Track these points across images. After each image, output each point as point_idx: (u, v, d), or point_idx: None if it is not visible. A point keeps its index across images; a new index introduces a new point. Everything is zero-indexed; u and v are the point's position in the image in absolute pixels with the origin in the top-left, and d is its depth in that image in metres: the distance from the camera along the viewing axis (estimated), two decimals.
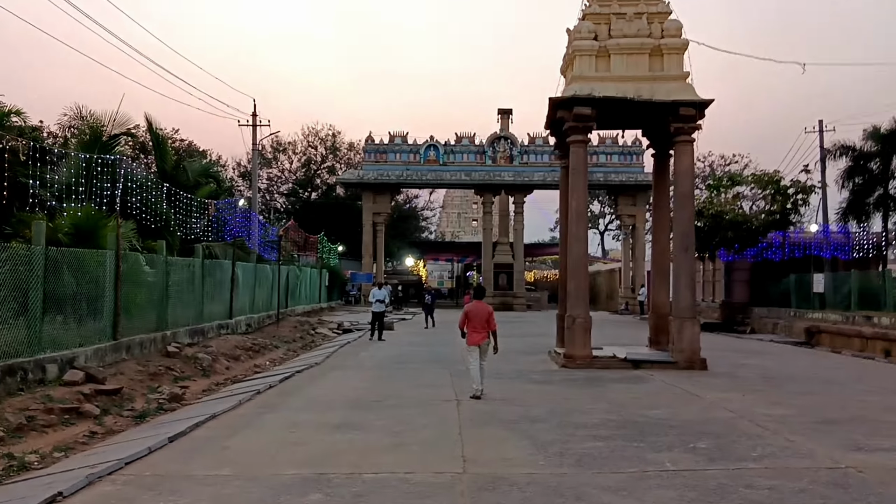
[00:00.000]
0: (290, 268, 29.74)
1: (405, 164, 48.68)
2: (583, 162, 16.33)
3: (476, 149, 49.09)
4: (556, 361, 16.56)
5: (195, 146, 53.66)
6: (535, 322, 34.11)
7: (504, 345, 22.33)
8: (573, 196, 16.28)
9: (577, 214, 16.20)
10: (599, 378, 14.24)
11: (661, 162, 18.27)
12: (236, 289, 21.89)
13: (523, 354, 18.85)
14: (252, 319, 23.39)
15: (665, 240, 18.32)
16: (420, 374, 14.85)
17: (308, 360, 17.79)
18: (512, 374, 14.79)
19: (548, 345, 21.07)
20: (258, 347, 19.82)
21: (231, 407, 10.74)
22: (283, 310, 27.97)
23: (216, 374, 15.48)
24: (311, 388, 12.92)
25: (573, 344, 15.91)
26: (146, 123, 25.78)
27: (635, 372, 15.24)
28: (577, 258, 16.17)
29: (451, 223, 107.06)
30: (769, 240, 31.32)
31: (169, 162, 25.91)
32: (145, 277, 15.36)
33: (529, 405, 11.07)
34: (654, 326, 18.02)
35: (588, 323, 16.00)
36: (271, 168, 60.36)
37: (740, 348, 22.23)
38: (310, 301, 34.12)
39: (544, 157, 48.90)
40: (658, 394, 12.40)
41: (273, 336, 23.28)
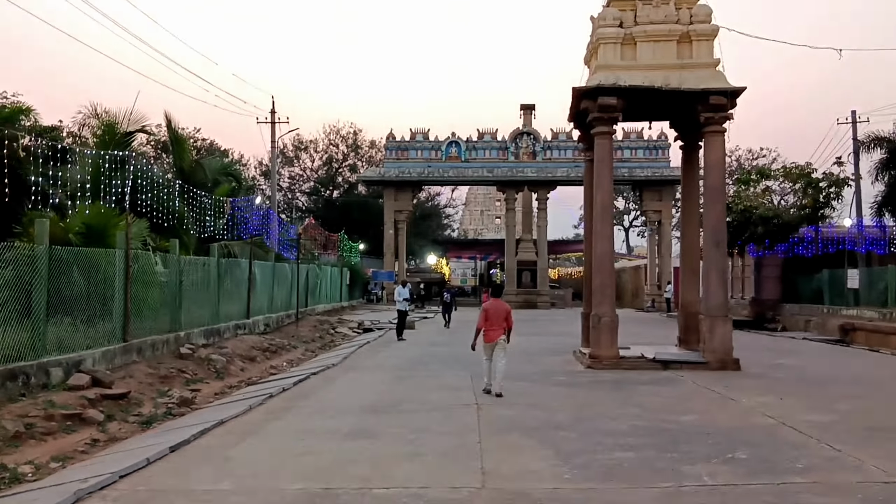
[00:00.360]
0: (310, 266, 29.33)
1: (427, 161, 48.17)
2: (608, 155, 15.69)
3: (498, 145, 48.46)
4: (582, 362, 15.95)
5: (217, 145, 53.67)
6: (559, 320, 33.45)
7: (528, 344, 21.93)
8: (598, 190, 15.65)
9: (603, 209, 15.57)
10: (627, 380, 13.60)
11: (689, 154, 17.57)
12: (254, 288, 21.48)
13: (547, 354, 18.25)
14: (270, 319, 22.99)
15: (694, 235, 17.62)
16: (439, 376, 14.30)
17: (325, 361, 17.32)
18: (535, 376, 14.20)
19: (573, 344, 20.44)
20: (275, 348, 19.38)
21: (240, 412, 10.26)
22: (303, 309, 27.56)
23: (230, 375, 15.04)
24: (325, 392, 12.42)
25: (599, 344, 15.28)
26: (165, 121, 25.48)
27: (664, 373, 14.59)
28: (603, 255, 15.54)
29: (475, 221, 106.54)
30: (801, 235, 30.42)
31: (187, 160, 25.57)
32: (158, 277, 14.96)
33: (553, 410, 10.48)
34: (684, 325, 17.34)
35: (614, 322, 15.37)
36: (293, 167, 60.15)
37: (773, 347, 21.44)
38: (330, 300, 33.72)
39: (568, 152, 48.17)
40: (690, 397, 11.75)
41: (292, 336, 22.87)
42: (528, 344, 21.16)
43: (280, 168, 59.59)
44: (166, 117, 25.31)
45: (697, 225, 17.66)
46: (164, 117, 25.36)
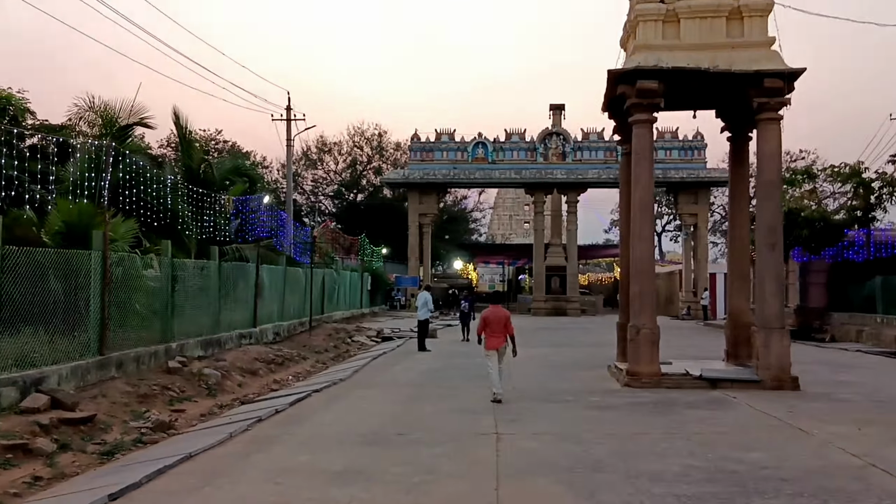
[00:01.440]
0: (327, 271, 27.83)
1: (452, 162, 46.57)
2: (648, 146, 13.96)
3: (526, 146, 46.71)
4: (618, 379, 14.21)
5: (239, 147, 52.57)
6: (590, 329, 31.63)
7: (557, 356, 20.22)
8: (637, 187, 13.91)
9: (642, 208, 13.83)
10: (671, 402, 11.84)
11: (738, 146, 15.77)
12: (261, 294, 20.00)
13: (578, 369, 16.52)
14: (281, 328, 21.49)
15: (744, 236, 15.81)
16: (457, 395, 12.64)
17: (334, 376, 15.76)
18: (566, 395, 12.48)
19: (606, 356, 18.69)
20: (282, 359, 17.85)
21: (218, 442, 8.70)
22: (318, 316, 26.05)
23: (224, 392, 13.51)
24: (323, 414, 10.83)
25: (638, 359, 13.53)
26: (173, 118, 24.16)
27: (713, 393, 12.80)
28: (642, 259, 13.80)
29: (503, 225, 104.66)
30: (850, 238, 28.33)
31: (196, 159, 24.19)
32: (145, 282, 13.49)
33: (587, 442, 8.78)
34: (732, 337, 15.52)
35: (655, 334, 13.61)
36: (316, 169, 58.87)
37: (827, 360, 19.47)
38: (350, 306, 32.22)
39: (599, 153, 46.31)
40: (750, 426, 9.97)
41: (303, 346, 21.34)
42: (558, 356, 19.45)
43: (303, 171, 58.49)
44: (174, 114, 23.96)
45: (747, 225, 15.87)
46: (173, 113, 24.04)
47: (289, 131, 29.57)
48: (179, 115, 24.02)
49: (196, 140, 49.34)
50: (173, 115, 24.05)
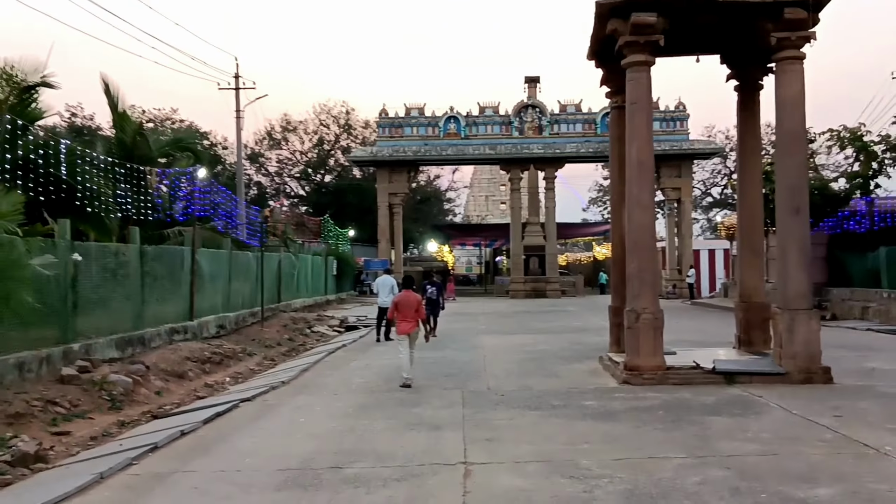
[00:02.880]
0: (284, 255, 25.28)
1: (423, 138, 44.01)
2: (646, 93, 11.55)
3: (501, 119, 44.25)
4: (614, 374, 11.89)
5: (196, 127, 49.69)
6: (573, 311, 29.38)
7: (540, 345, 17.86)
8: (633, 142, 11.52)
9: (640, 168, 11.45)
10: (685, 405, 9.53)
11: (747, 96, 13.43)
12: (200, 282, 17.47)
13: (565, 361, 14.19)
14: (226, 319, 18.96)
15: (755, 202, 13.52)
16: (420, 403, 10.23)
17: (277, 376, 13.31)
18: (553, 399, 10.12)
19: (595, 344, 16.43)
20: (220, 357, 15.37)
21: (76, 490, 6.26)
22: (273, 305, 23.55)
23: (134, 403, 11.00)
24: (243, 437, 8.37)
25: (638, 350, 11.20)
26: (102, 86, 21.41)
27: (732, 391, 10.51)
28: (641, 229, 11.43)
29: (479, 206, 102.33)
30: (852, 207, 26.23)
31: (129, 131, 21.48)
32: (31, 271, 10.88)
33: (589, 476, 6.40)
34: (744, 321, 13.25)
35: (659, 320, 11.29)
36: (281, 149, 56.00)
37: (841, 342, 17.23)
38: (313, 293, 29.69)
39: (577, 125, 43.99)
40: (796, 440, 7.64)
41: (252, 339, 18.85)
42: (540, 345, 17.12)
43: (267, 150, 55.67)
44: (103, 81, 21.21)
45: (759, 189, 13.59)
46: (101, 81, 21.30)
47: (237, 101, 26.92)
48: (109, 82, 21.30)
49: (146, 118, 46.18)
50: (102, 83, 21.32)
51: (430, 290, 19.58)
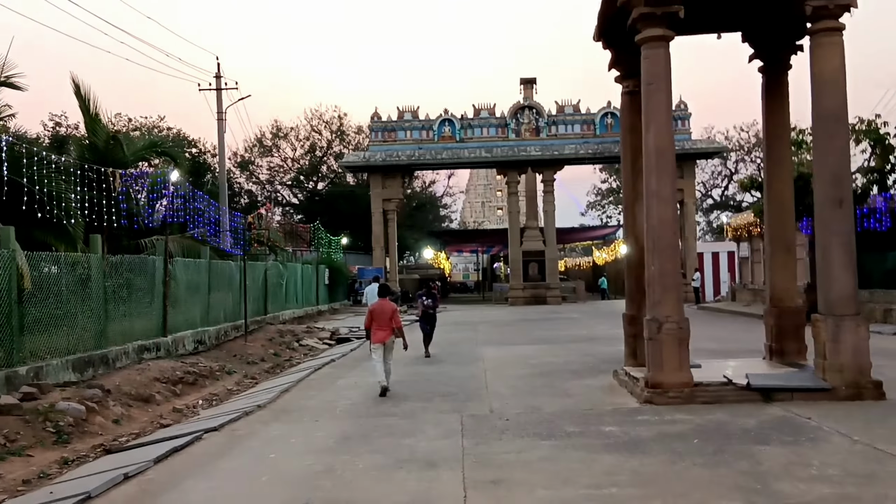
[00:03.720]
0: (270, 264, 23.87)
1: (417, 142, 42.66)
2: (664, 71, 10.16)
3: (497, 122, 42.93)
4: (633, 391, 10.49)
5: (184, 135, 48.24)
6: (577, 319, 27.97)
7: (545, 356, 16.39)
8: (650, 128, 10.14)
9: (659, 157, 10.07)
10: (723, 430, 8.12)
11: (774, 77, 12.07)
12: (174, 295, 16.07)
13: (576, 375, 12.78)
14: (205, 334, 17.54)
15: (785, 194, 12.17)
16: (413, 430, 8.82)
17: (255, 398, 11.91)
18: (568, 425, 8.70)
19: (605, 355, 15.07)
20: (195, 377, 13.94)
21: None
22: (260, 317, 22.13)
23: (87, 435, 9.57)
24: (196, 482, 6.96)
25: (660, 364, 9.80)
26: (73, 87, 20.05)
27: (772, 410, 9.12)
28: (662, 225, 10.04)
29: (475, 212, 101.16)
30: (870, 204, 24.85)
31: (102, 135, 20.12)
32: None
33: None
34: (776, 328, 11.87)
35: (684, 330, 9.89)
36: (272, 157, 54.56)
37: (872, 348, 15.87)
38: (303, 303, 28.26)
39: (575, 126, 42.68)
40: (872, 477, 6.21)
41: (234, 355, 17.44)
42: (546, 356, 15.72)
43: (257, 158, 54.29)
44: (73, 82, 19.88)
45: (790, 180, 12.23)
46: (72, 82, 19.95)
47: (219, 102, 25.52)
48: (80, 84, 19.97)
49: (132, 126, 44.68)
50: (73, 84, 19.98)
51: (426, 301, 16.54)
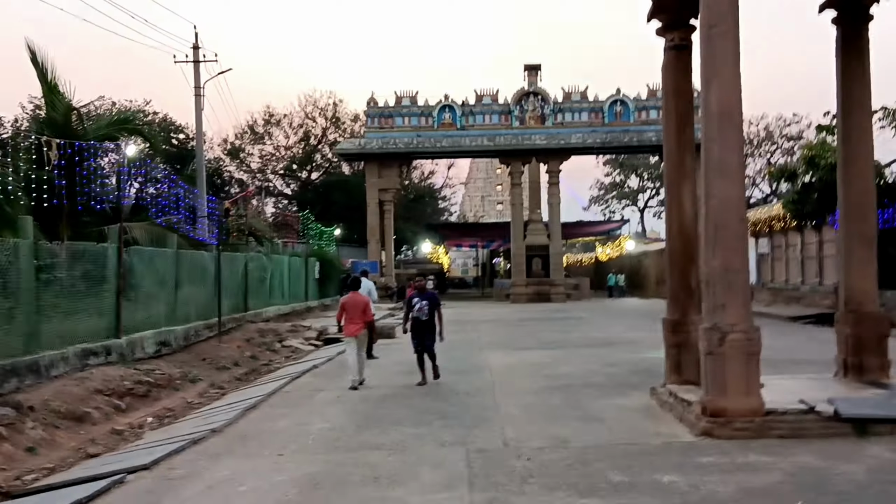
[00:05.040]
0: (251, 255, 21.64)
1: (415, 129, 40.45)
2: (731, 8, 7.91)
3: (500, 108, 40.71)
4: (682, 417, 8.31)
5: (170, 119, 46.03)
6: (587, 319, 25.77)
7: (561, 366, 13.27)
8: (712, 84, 7.93)
9: (723, 120, 7.87)
10: (828, 484, 5.96)
11: (852, 29, 9.84)
12: (132, 289, 13.88)
13: (602, 392, 10.59)
14: (172, 334, 15.33)
15: (864, 170, 9.96)
16: (404, 473, 6.64)
17: (213, 417, 9.76)
18: (612, 470, 6.50)
19: (631, 364, 13.01)
20: (149, 387, 11.77)
21: None
22: (238, 314, 19.93)
23: None
24: None
25: (723, 385, 7.63)
26: (28, 54, 17.85)
27: (876, 451, 6.95)
28: (726, 207, 7.83)
29: (474, 207, 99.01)
30: None
31: (61, 109, 17.93)
32: None
33: None
34: (853, 338, 9.68)
35: (754, 341, 7.71)
36: (264, 144, 52.30)
37: None
38: (290, 299, 26.05)
39: (583, 114, 40.46)
40: None
41: (203, 359, 15.28)
42: (562, 365, 13.55)
43: (248, 146, 52.04)
44: (29, 49, 17.70)
45: (870, 153, 10.03)
46: (28, 49, 17.77)
47: (197, 75, 23.27)
48: (35, 51, 17.80)
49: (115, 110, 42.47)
50: (28, 51, 17.78)
51: (420, 303, 11.71)
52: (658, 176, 69.99)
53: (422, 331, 11.78)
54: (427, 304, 11.74)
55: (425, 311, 11.72)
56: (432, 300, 11.86)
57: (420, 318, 11.75)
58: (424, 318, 11.74)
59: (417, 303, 11.75)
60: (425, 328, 11.76)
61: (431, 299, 11.87)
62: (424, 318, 11.74)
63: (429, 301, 11.80)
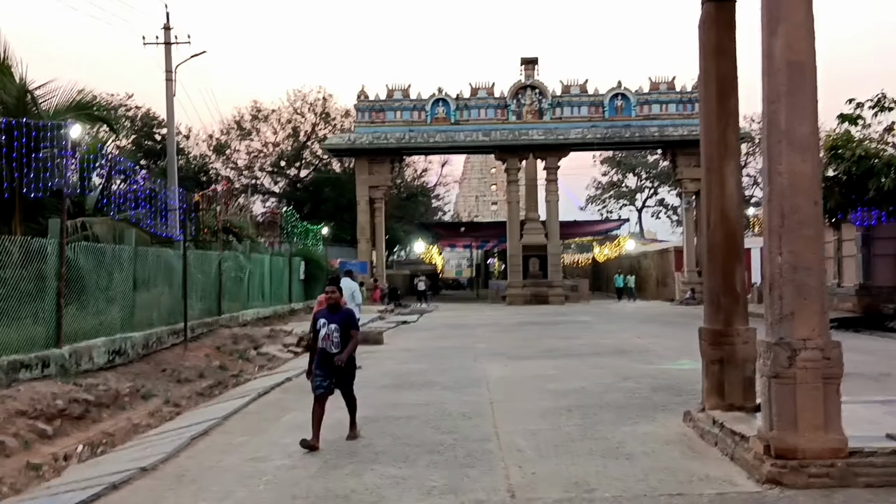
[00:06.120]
0: (226, 254, 19.85)
1: (408, 123, 38.81)
2: None
3: (496, 102, 39.13)
4: (735, 455, 6.58)
5: (153, 114, 44.26)
6: (591, 323, 24.05)
7: (568, 381, 10.73)
8: (779, 30, 6.17)
9: (794, 75, 6.13)
10: None
11: None
12: (79, 291, 12.11)
13: (623, 415, 8.85)
14: (128, 342, 13.53)
15: None
16: None
17: (153, 447, 8.00)
18: None
19: (650, 377, 11.32)
20: (87, 406, 9.97)
21: None
22: (211, 318, 18.15)
23: None
24: None
25: (792, 418, 5.91)
26: None
27: None
28: (796, 187, 6.08)
29: (468, 207, 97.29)
30: None
31: (12, 90, 16.15)
32: None
33: None
34: None
35: (833, 361, 5.98)
36: (251, 140, 50.49)
37: None
38: (272, 301, 24.29)
39: (582, 109, 38.88)
40: None
41: (163, 370, 13.49)
42: (571, 378, 11.82)
43: (235, 141, 50.25)
44: None
45: None
46: None
47: (168, 58, 21.46)
48: None
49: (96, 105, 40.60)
50: None
51: (327, 327, 7.88)
52: (657, 175, 68.47)
53: (331, 365, 7.78)
54: (337, 327, 7.82)
55: (335, 339, 7.80)
56: (346, 321, 7.91)
57: (328, 349, 7.80)
58: (335, 350, 7.78)
59: (324, 326, 7.86)
60: (332, 367, 7.80)
61: (345, 320, 7.91)
62: (335, 349, 7.78)
63: (340, 323, 7.86)
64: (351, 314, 8.13)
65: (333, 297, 8.06)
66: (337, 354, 7.76)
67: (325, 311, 8.07)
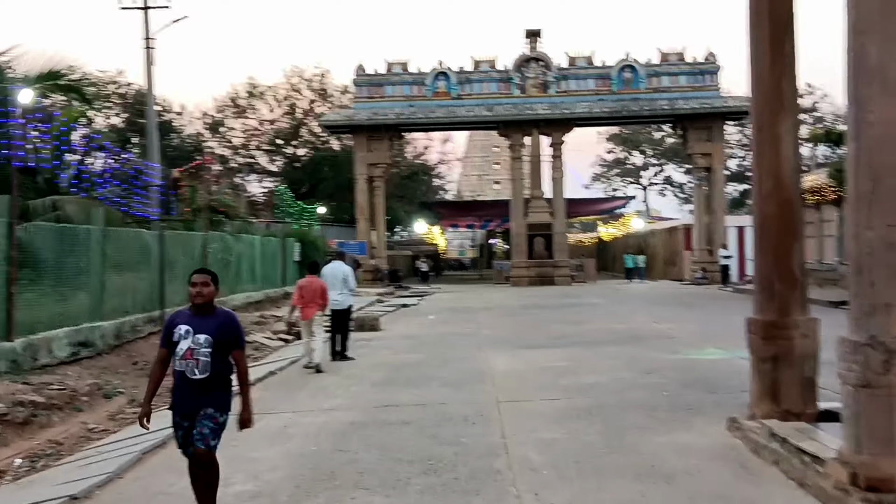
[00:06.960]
0: (211, 234, 18.51)
1: (407, 98, 37.28)
2: None
3: (499, 76, 37.55)
4: (806, 481, 5.28)
5: (144, 91, 42.62)
6: (601, 305, 22.74)
7: (583, 374, 9.65)
8: None
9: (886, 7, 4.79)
10: None
11: None
12: (36, 276, 10.81)
13: (653, 417, 7.56)
14: (96, 333, 12.25)
15: None
16: None
17: (106, 461, 6.74)
18: None
19: (676, 369, 10.03)
20: (37, 409, 8.71)
21: None
22: None
23: None
24: None
25: (890, 440, 4.59)
26: None
27: None
28: (890, 144, 4.79)
29: (471, 186, 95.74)
30: None
31: None
32: None
33: None
34: None
35: None
36: (247, 117, 49.00)
37: None
38: (264, 284, 22.97)
39: (589, 82, 37.30)
40: None
41: (134, 363, 12.25)
42: (586, 371, 10.50)
43: (230, 118, 48.79)
44: None
45: None
46: None
47: (146, 24, 20.05)
48: None
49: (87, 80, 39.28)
50: None
51: (190, 338, 4.92)
52: (663, 153, 66.91)
53: (192, 399, 4.97)
54: (208, 340, 4.92)
55: (203, 356, 4.91)
56: (223, 333, 5.00)
57: (188, 374, 4.91)
58: (197, 377, 4.90)
59: (185, 337, 4.93)
60: (201, 394, 4.93)
61: (223, 331, 5.00)
62: (198, 374, 4.90)
63: (213, 335, 4.95)
64: (232, 321, 5.13)
65: (202, 294, 4.99)
66: (203, 382, 4.85)
67: (187, 315, 5.04)
